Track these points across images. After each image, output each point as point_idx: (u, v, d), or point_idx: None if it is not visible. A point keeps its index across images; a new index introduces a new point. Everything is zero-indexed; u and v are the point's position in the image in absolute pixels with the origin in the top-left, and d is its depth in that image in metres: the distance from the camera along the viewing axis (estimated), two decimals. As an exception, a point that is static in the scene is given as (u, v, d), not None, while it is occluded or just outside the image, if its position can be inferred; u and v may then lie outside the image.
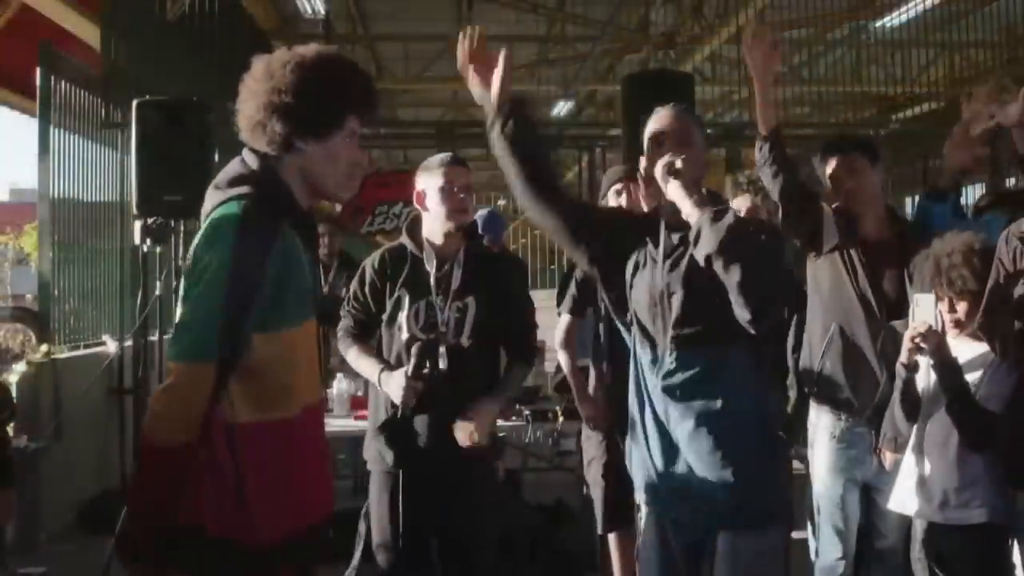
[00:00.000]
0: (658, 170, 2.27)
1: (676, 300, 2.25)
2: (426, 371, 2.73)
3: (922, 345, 2.59)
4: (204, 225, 1.87)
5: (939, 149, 3.13)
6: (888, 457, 2.87)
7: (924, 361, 2.66)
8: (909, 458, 2.75)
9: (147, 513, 1.75)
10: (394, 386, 2.76)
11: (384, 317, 2.93)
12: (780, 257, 2.43)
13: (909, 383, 2.68)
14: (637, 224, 2.47)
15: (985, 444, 2.58)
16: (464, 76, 2.34)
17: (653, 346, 2.30)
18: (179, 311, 1.85)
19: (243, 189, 1.86)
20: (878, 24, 9.56)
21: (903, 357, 2.66)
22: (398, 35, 11.05)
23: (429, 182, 2.88)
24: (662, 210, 2.37)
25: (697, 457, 2.24)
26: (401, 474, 2.82)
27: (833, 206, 3.09)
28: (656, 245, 2.32)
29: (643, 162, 2.39)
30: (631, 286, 2.35)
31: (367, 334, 3.03)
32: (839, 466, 2.99)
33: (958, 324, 2.68)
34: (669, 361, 2.25)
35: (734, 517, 2.25)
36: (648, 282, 2.31)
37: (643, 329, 2.32)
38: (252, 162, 1.91)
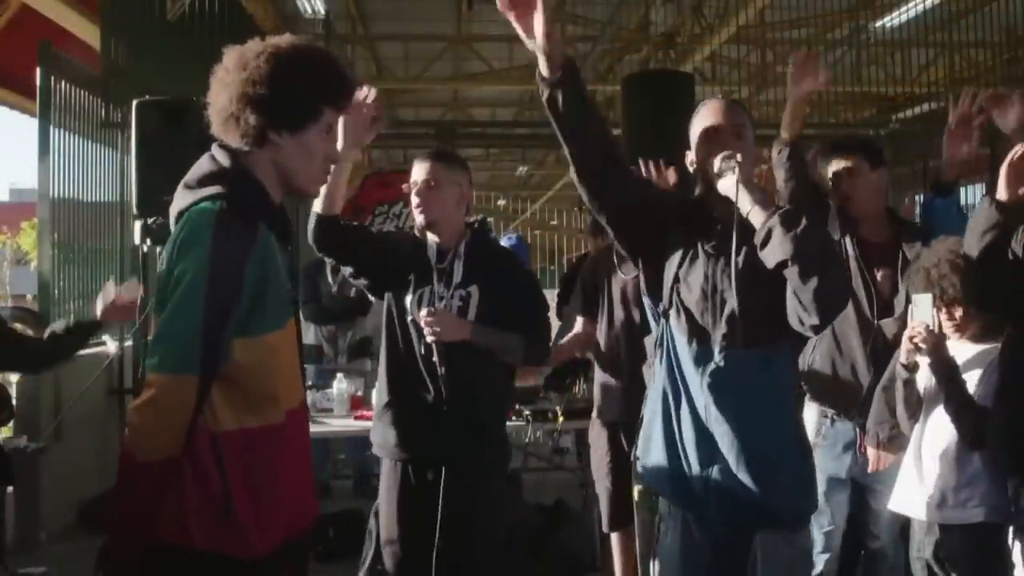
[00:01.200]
0: (716, 164, 2.19)
1: (731, 297, 2.17)
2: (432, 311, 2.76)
3: (920, 345, 2.60)
4: (177, 228, 1.78)
5: (939, 149, 3.13)
6: (871, 454, 2.88)
7: (923, 361, 2.67)
8: (908, 457, 2.75)
9: (131, 530, 1.67)
10: None
11: (391, 296, 2.93)
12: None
13: (910, 383, 2.69)
14: (685, 212, 2.34)
15: (983, 443, 2.58)
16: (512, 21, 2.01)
17: (701, 341, 2.21)
18: (157, 320, 1.75)
19: (216, 188, 1.77)
20: (878, 24, 9.54)
21: (902, 357, 2.67)
22: (398, 35, 11.03)
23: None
24: (712, 201, 2.26)
25: (738, 455, 2.16)
26: (410, 469, 2.84)
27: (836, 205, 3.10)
28: (708, 238, 2.23)
29: (690, 156, 2.33)
30: (680, 279, 2.25)
31: (366, 231, 3.19)
32: (825, 463, 2.99)
33: (958, 328, 2.70)
34: (719, 357, 2.18)
35: (776, 517, 2.20)
36: (701, 276, 2.22)
37: (692, 323, 2.23)
38: (223, 159, 1.83)
